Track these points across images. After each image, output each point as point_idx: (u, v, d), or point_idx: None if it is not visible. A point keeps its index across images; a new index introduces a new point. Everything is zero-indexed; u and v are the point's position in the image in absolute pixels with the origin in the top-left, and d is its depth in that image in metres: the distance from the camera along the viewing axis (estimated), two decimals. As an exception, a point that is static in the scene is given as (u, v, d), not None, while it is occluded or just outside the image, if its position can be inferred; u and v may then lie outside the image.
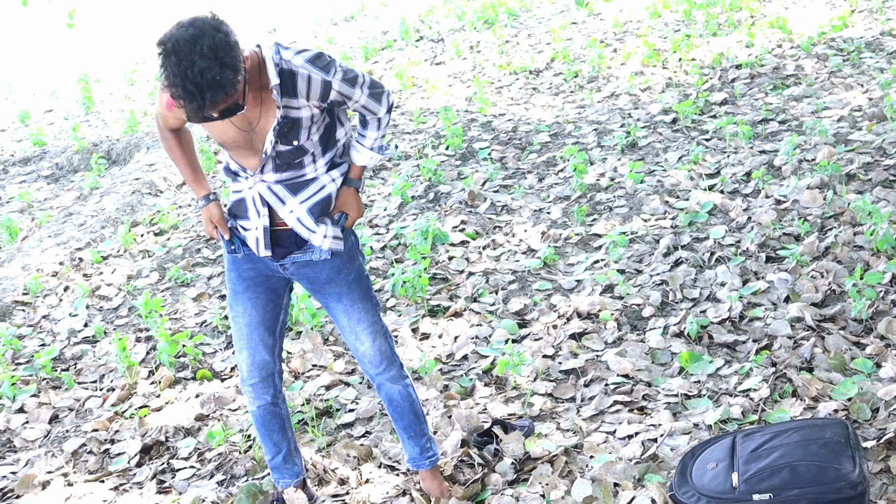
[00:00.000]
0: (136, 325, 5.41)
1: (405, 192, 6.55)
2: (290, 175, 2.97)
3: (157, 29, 2.84)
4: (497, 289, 5.08)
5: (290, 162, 2.93)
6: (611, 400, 3.87)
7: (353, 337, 3.19)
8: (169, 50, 2.54)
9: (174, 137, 3.13)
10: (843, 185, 5.38)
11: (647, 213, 5.68)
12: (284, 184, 2.98)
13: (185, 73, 2.51)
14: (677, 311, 4.52)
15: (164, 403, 4.48)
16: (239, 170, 2.99)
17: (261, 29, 15.05)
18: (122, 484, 3.91)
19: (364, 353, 3.22)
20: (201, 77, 2.51)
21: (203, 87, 2.52)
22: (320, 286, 3.14)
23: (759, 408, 3.61)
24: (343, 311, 3.15)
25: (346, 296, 3.13)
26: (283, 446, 3.39)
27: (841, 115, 6.62)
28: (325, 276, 3.10)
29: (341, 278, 3.11)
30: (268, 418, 3.33)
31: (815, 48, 8.16)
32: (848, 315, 4.17)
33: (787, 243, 4.94)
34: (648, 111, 7.47)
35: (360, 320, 3.16)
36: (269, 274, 3.14)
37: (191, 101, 2.56)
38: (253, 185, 2.98)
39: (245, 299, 3.15)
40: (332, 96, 2.85)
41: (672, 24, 10.15)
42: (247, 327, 3.17)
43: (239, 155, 2.95)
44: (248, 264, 3.12)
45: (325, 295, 3.16)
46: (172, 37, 2.55)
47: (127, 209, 7.31)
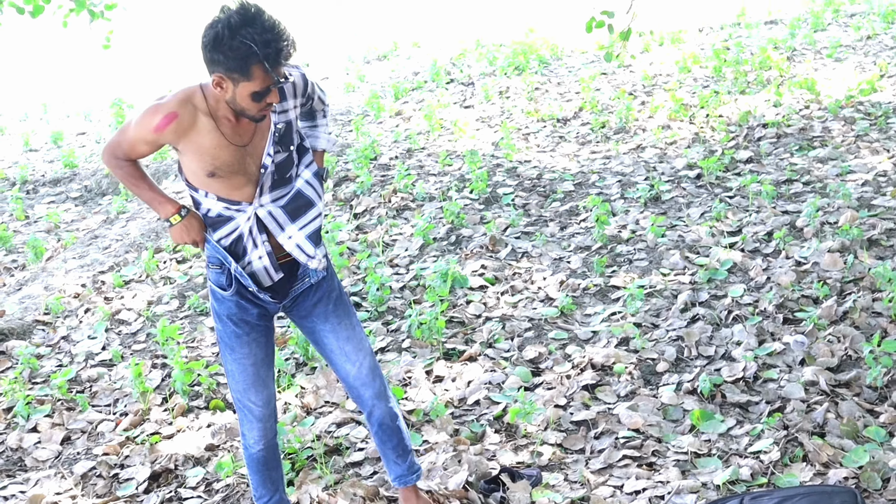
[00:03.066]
0: (153, 351, 5.45)
1: (427, 234, 6.59)
2: (281, 193, 3.03)
3: (190, 58, 2.92)
4: (513, 335, 5.10)
5: (283, 176, 3.01)
6: (620, 454, 3.86)
7: (343, 358, 3.23)
8: (236, 24, 2.69)
9: (131, 164, 3.06)
10: (864, 251, 5.38)
11: (667, 268, 5.69)
12: (282, 207, 3.04)
13: (266, 28, 2.70)
14: (691, 368, 4.52)
15: (175, 431, 4.50)
16: (228, 207, 2.99)
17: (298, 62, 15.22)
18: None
19: (356, 376, 3.25)
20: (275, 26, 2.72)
21: (280, 32, 2.73)
22: (308, 311, 3.20)
23: (768, 470, 3.59)
24: (330, 330, 3.20)
25: (332, 314, 3.19)
26: (279, 484, 3.43)
27: (866, 179, 6.63)
28: (313, 298, 3.17)
29: (327, 297, 3.19)
30: (270, 455, 3.36)
31: (842, 111, 8.18)
32: (863, 382, 4.16)
33: (805, 306, 4.94)
34: (673, 165, 7.50)
35: (349, 338, 3.22)
36: (264, 310, 3.15)
37: (279, 53, 2.73)
38: (250, 215, 3.00)
39: (250, 340, 3.15)
40: (308, 89, 3.06)
41: (701, 80, 10.21)
42: (253, 367, 3.19)
43: (232, 186, 2.96)
44: (245, 305, 3.10)
45: (312, 318, 3.21)
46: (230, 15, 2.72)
47: (151, 235, 7.39)
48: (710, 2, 14.97)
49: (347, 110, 11.22)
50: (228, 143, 2.91)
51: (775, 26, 12.89)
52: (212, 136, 2.89)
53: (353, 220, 7.30)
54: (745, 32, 12.55)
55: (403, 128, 9.97)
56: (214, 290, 3.13)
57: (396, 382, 4.66)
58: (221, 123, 2.90)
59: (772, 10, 13.92)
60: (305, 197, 3.09)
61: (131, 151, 3.01)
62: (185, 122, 2.87)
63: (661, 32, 12.50)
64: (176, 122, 2.86)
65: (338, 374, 3.32)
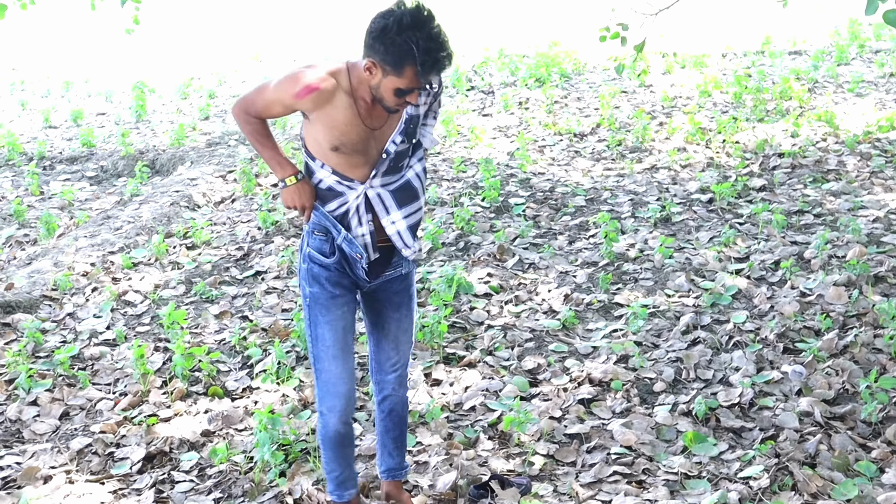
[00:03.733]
0: (157, 334, 5.50)
1: (436, 238, 6.62)
2: (391, 179, 3.16)
3: (215, 46, 2.94)
4: (514, 345, 5.13)
5: (397, 164, 3.14)
6: (611, 469, 3.89)
7: (393, 345, 3.40)
8: (407, 24, 2.83)
9: (261, 122, 3.19)
10: (869, 286, 5.39)
11: (672, 289, 5.71)
12: (391, 192, 3.16)
13: (430, 36, 2.84)
14: (688, 390, 4.54)
15: (172, 415, 4.54)
16: (341, 181, 3.12)
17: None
18: (122, 488, 3.97)
19: (394, 363, 3.42)
20: (441, 39, 2.87)
21: (444, 45, 2.88)
22: (387, 296, 3.33)
23: (756, 497, 3.61)
24: (396, 319, 3.37)
25: (404, 306, 3.37)
26: (352, 458, 3.50)
27: (877, 215, 6.64)
28: (397, 288, 3.33)
29: (406, 290, 3.37)
30: (347, 436, 3.40)
31: (859, 146, 8.19)
32: (858, 416, 4.17)
33: (806, 336, 4.96)
34: (686, 188, 7.53)
35: (407, 329, 3.41)
36: (355, 284, 3.26)
37: (437, 62, 2.88)
38: (360, 194, 3.14)
39: (344, 303, 3.24)
40: (440, 91, 3.18)
41: (721, 105, 10.23)
42: (343, 331, 3.25)
43: (348, 164, 3.10)
44: (338, 275, 3.21)
45: (385, 303, 3.34)
46: (404, 14, 2.85)
47: (163, 219, 7.44)
48: (735, 28, 14.99)
49: (367, 110, 11.26)
50: (360, 123, 3.05)
51: (799, 57, 12.91)
52: (346, 114, 3.04)
53: (364, 219, 7.33)
54: (768, 61, 12.57)
55: (421, 131, 10.00)
56: (313, 255, 3.21)
57: (395, 383, 4.69)
58: (358, 104, 3.05)
59: (796, 41, 13.94)
60: (413, 188, 3.22)
61: (265, 111, 3.14)
62: (324, 95, 3.00)
63: (685, 55, 12.53)
64: (317, 94, 3.00)
65: (377, 354, 3.43)
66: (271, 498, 3.77)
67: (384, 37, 2.86)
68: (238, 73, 14.65)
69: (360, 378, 4.79)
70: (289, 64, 15.28)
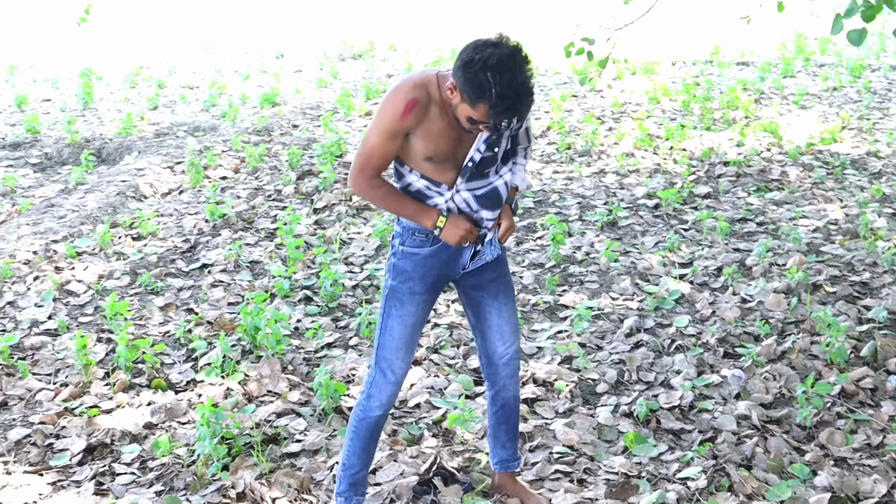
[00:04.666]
0: (100, 325, 5.44)
1: (385, 236, 6.63)
2: (478, 185, 3.21)
3: (165, 36, 2.91)
4: (459, 343, 5.16)
5: (481, 171, 3.19)
6: (553, 468, 3.93)
7: (498, 336, 3.45)
8: (492, 65, 2.86)
9: (385, 183, 3.20)
10: (808, 294, 5.52)
11: (616, 293, 5.79)
12: (477, 197, 3.22)
13: (509, 83, 2.88)
14: (630, 392, 4.61)
15: (115, 406, 4.50)
16: (430, 186, 3.18)
17: (269, 54, 15.22)
18: (61, 480, 3.93)
19: (502, 354, 3.47)
20: (522, 88, 2.91)
21: (522, 95, 2.92)
22: (483, 284, 3.39)
23: (694, 497, 3.68)
24: (496, 308, 3.41)
25: (502, 293, 3.42)
26: (372, 457, 3.50)
27: (817, 225, 6.79)
28: (491, 275, 3.39)
29: (502, 277, 3.43)
30: (382, 424, 3.45)
31: (802, 157, 8.37)
32: (793, 420, 4.27)
33: (746, 342, 5.06)
34: (633, 193, 7.62)
35: (510, 320, 3.45)
36: (446, 277, 3.34)
37: (510, 109, 2.91)
38: (448, 198, 3.20)
39: (421, 301, 3.32)
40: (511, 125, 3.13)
41: (669, 112, 10.38)
42: (412, 327, 3.34)
43: (438, 170, 3.17)
44: (434, 268, 3.29)
45: (483, 292, 3.40)
46: (493, 54, 2.88)
47: (109, 209, 7.36)
48: (685, 37, 15.21)
49: (318, 105, 11.25)
50: (452, 132, 3.10)
51: (746, 68, 13.15)
52: (439, 125, 3.09)
53: (313, 214, 7.33)
54: (716, 70, 12.79)
55: (372, 128, 9.99)
56: (407, 252, 3.27)
57: (340, 378, 4.70)
58: (449, 114, 3.08)
59: (745, 52, 14.18)
60: (499, 195, 3.28)
61: (380, 158, 3.13)
62: (423, 106, 3.06)
63: (635, 62, 12.68)
64: (418, 107, 3.05)
65: (485, 348, 3.49)
66: (214, 491, 3.75)
67: (467, 69, 2.90)
68: (188, 64, 14.51)
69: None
70: (240, 56, 15.18)
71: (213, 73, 13.43)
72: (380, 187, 3.18)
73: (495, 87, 2.86)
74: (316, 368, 4.86)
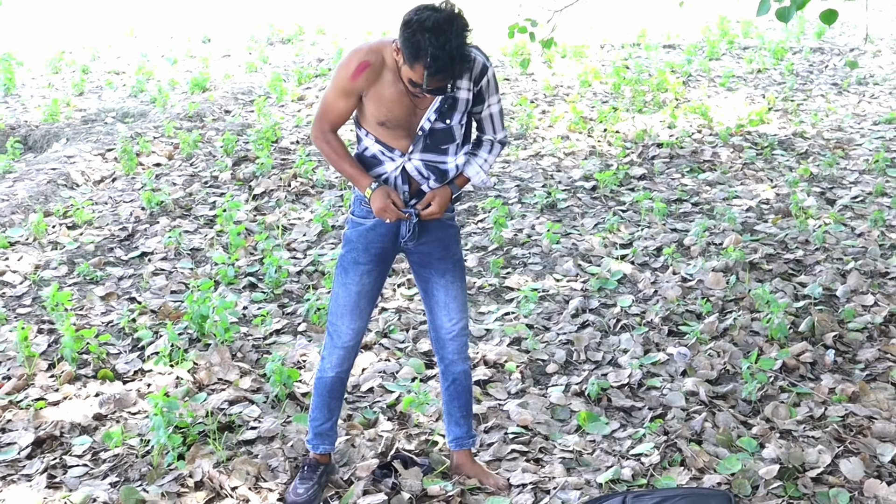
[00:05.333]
0: (39, 315, 5.32)
1: (326, 221, 6.61)
2: (433, 158, 3.32)
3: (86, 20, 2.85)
4: (408, 327, 5.18)
5: (437, 145, 3.29)
6: (509, 448, 3.98)
7: (445, 313, 3.54)
8: (428, 27, 2.95)
9: (336, 138, 3.34)
10: (746, 272, 5.66)
11: (560, 274, 5.87)
12: (428, 165, 3.32)
13: (443, 46, 2.94)
14: (580, 372, 4.68)
15: (61, 398, 4.41)
16: (384, 151, 3.29)
17: (195, 38, 14.97)
18: (10, 474, 3.84)
19: (448, 330, 3.57)
20: (456, 52, 2.98)
21: (456, 59, 2.99)
22: (429, 262, 3.50)
23: (648, 472, 3.77)
24: (443, 286, 3.51)
25: (449, 272, 3.51)
26: (336, 414, 3.66)
27: (750, 205, 6.97)
28: (438, 254, 3.47)
29: (450, 257, 3.50)
30: (337, 385, 3.61)
31: (731, 138, 8.56)
32: (739, 395, 4.39)
33: (688, 320, 5.17)
34: (570, 175, 7.72)
35: (457, 298, 3.54)
36: (390, 250, 3.45)
37: (442, 71, 2.99)
38: (399, 164, 3.31)
39: (364, 271, 3.44)
40: (482, 83, 3.26)
41: (601, 95, 10.51)
42: (356, 295, 3.46)
43: (392, 136, 3.27)
44: (376, 240, 3.41)
45: (430, 270, 3.51)
46: (430, 17, 2.97)
47: (40, 198, 7.19)
48: (612, 19, 15.38)
49: (249, 90, 11.12)
50: (405, 99, 3.19)
51: (673, 50, 13.35)
52: (391, 90, 3.19)
53: (252, 200, 7.26)
54: (644, 53, 12.96)
55: (305, 113, 9.95)
56: (354, 220, 3.44)
57: (291, 364, 4.68)
58: (403, 81, 3.15)
59: (670, 35, 14.40)
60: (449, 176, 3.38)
61: (335, 115, 3.29)
62: (375, 70, 3.17)
63: (564, 44, 12.79)
64: (368, 70, 3.17)
65: (433, 324, 3.60)
66: (171, 481, 3.71)
67: (405, 29, 3.00)
68: (112, 49, 14.19)
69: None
70: (166, 41, 14.91)
71: (139, 58, 13.16)
72: (329, 142, 3.35)
73: (430, 48, 2.95)
74: (266, 355, 4.84)
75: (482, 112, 3.36)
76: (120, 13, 16.88)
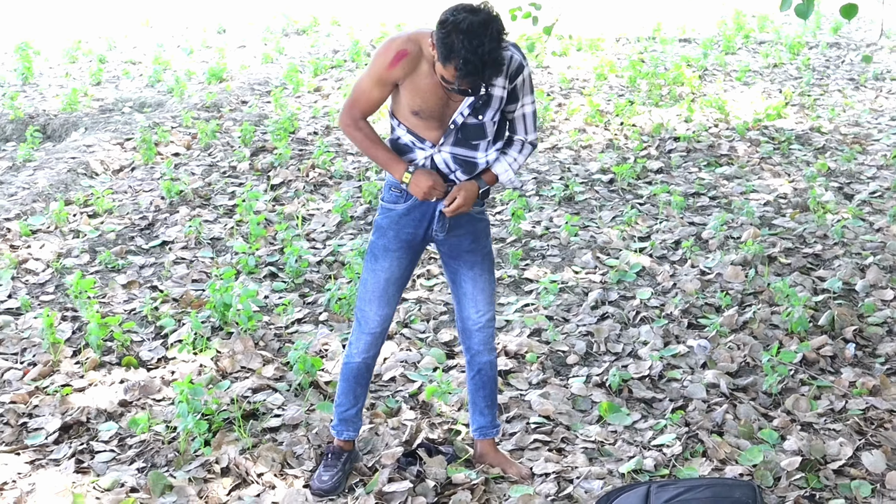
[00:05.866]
0: (63, 303, 5.37)
1: (345, 212, 6.64)
2: (463, 152, 3.33)
3: (102, 9, 2.87)
4: (429, 318, 5.21)
5: (468, 140, 3.31)
6: (531, 438, 4.01)
7: (472, 305, 3.56)
8: (462, 29, 2.95)
9: (368, 126, 3.36)
10: (764, 266, 5.68)
11: (579, 266, 5.89)
12: (457, 159, 3.34)
13: (475, 50, 2.95)
14: (600, 363, 4.71)
15: (87, 385, 4.46)
16: (415, 142, 3.33)
17: (210, 29, 15.01)
18: (39, 459, 3.89)
19: (475, 321, 3.58)
20: (488, 56, 2.98)
21: (487, 64, 2.99)
22: (458, 254, 3.52)
23: (670, 463, 3.79)
24: (471, 278, 3.53)
25: (478, 265, 3.53)
26: (361, 400, 3.70)
27: (767, 199, 6.97)
28: (467, 246, 3.49)
29: (479, 250, 3.52)
30: (363, 371, 3.65)
31: (749, 133, 8.56)
32: (759, 388, 4.41)
33: (708, 313, 5.19)
34: (587, 168, 7.73)
35: (484, 290, 3.56)
36: (420, 238, 3.47)
37: (472, 74, 3.00)
38: (429, 155, 3.34)
39: (394, 257, 3.47)
40: (517, 81, 3.27)
41: (617, 88, 10.51)
42: (385, 282, 3.50)
43: (425, 126, 3.29)
44: (408, 226, 3.44)
45: (459, 262, 3.53)
46: (465, 19, 2.97)
47: (60, 186, 7.24)
48: (627, 13, 15.37)
49: (265, 81, 11.15)
50: (440, 90, 3.19)
51: (688, 44, 13.34)
52: (427, 81, 3.20)
53: (270, 190, 7.29)
54: (659, 47, 12.95)
55: (322, 104, 9.98)
56: (385, 207, 3.46)
57: (314, 353, 4.72)
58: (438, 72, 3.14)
59: (685, 29, 14.38)
60: (476, 164, 3.37)
61: (367, 103, 3.31)
62: (412, 60, 3.18)
63: (580, 38, 12.79)
64: (406, 59, 3.18)
65: (460, 315, 3.63)
66: (198, 466, 3.76)
67: (441, 28, 3.01)
68: (128, 39, 14.24)
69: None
70: (181, 31, 14.96)
71: (155, 48, 13.20)
72: (361, 129, 3.36)
73: (462, 51, 2.96)
74: (288, 344, 4.88)
75: (515, 111, 3.36)
76: (135, 3, 16.93)
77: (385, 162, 3.36)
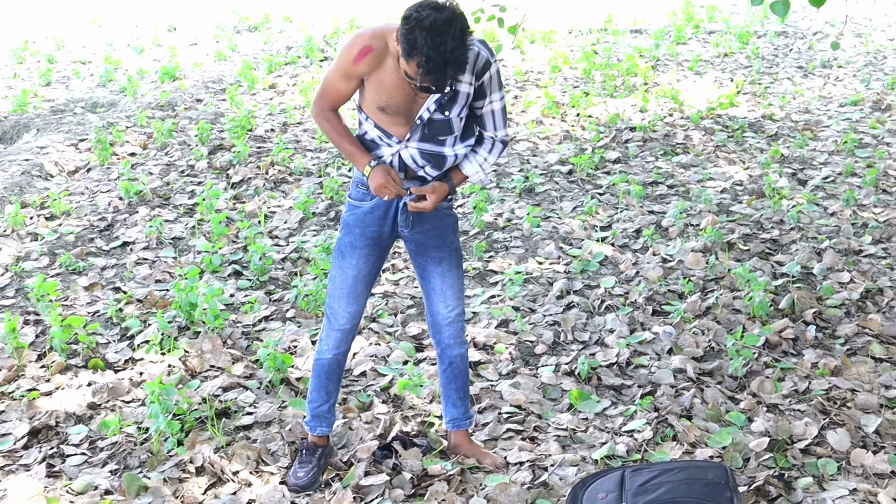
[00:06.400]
0: (24, 307, 5.30)
1: (307, 208, 6.63)
2: (430, 148, 3.32)
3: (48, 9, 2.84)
4: (396, 311, 5.23)
5: (435, 135, 3.30)
6: (504, 427, 4.05)
7: (441, 300, 3.59)
8: (425, 26, 2.95)
9: (336, 116, 3.40)
10: (724, 252, 5.77)
11: (542, 257, 5.94)
12: (425, 154, 3.33)
13: (438, 48, 2.94)
14: (568, 352, 4.76)
15: (54, 388, 4.41)
16: (382, 137, 3.34)
17: (160, 27, 14.85)
18: (9, 464, 3.84)
19: (445, 316, 3.62)
20: (451, 54, 2.97)
21: (449, 62, 2.99)
22: (426, 250, 3.54)
23: (642, 447, 3.85)
24: (440, 274, 3.56)
25: (446, 261, 3.55)
26: (332, 396, 3.72)
27: (724, 186, 7.08)
28: (434, 242, 3.52)
29: (447, 246, 3.54)
30: (334, 367, 3.67)
31: (703, 121, 8.67)
32: (725, 371, 4.49)
33: (671, 300, 5.26)
34: (546, 160, 7.79)
35: (453, 285, 3.59)
36: (386, 234, 3.49)
37: (434, 72, 2.99)
38: (395, 151, 3.35)
39: (361, 254, 3.50)
40: (484, 78, 3.27)
41: (571, 80, 10.59)
42: (353, 279, 3.53)
43: (391, 122, 3.30)
44: (374, 223, 3.45)
45: (427, 258, 3.55)
46: (429, 16, 2.96)
47: (15, 189, 7.13)
48: (579, 5, 15.47)
49: (220, 78, 11.07)
50: (406, 86, 3.19)
51: (640, 35, 13.46)
52: (393, 76, 3.20)
53: (230, 189, 7.25)
54: (612, 38, 13.05)
55: (278, 101, 9.93)
56: (351, 204, 3.49)
57: (283, 350, 4.71)
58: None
59: (637, 20, 14.51)
60: (445, 158, 3.37)
61: (335, 95, 3.34)
62: (377, 55, 3.19)
63: (532, 30, 12.84)
64: (371, 55, 3.19)
65: (429, 310, 3.66)
66: (172, 466, 3.74)
67: (404, 24, 3.01)
68: (77, 38, 14.03)
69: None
70: (131, 29, 14.77)
71: (105, 48, 13.03)
72: (329, 120, 3.40)
73: (424, 48, 2.95)
74: (256, 342, 4.87)
75: (483, 108, 3.36)
76: (83, 2, 16.69)
77: (350, 154, 3.39)
